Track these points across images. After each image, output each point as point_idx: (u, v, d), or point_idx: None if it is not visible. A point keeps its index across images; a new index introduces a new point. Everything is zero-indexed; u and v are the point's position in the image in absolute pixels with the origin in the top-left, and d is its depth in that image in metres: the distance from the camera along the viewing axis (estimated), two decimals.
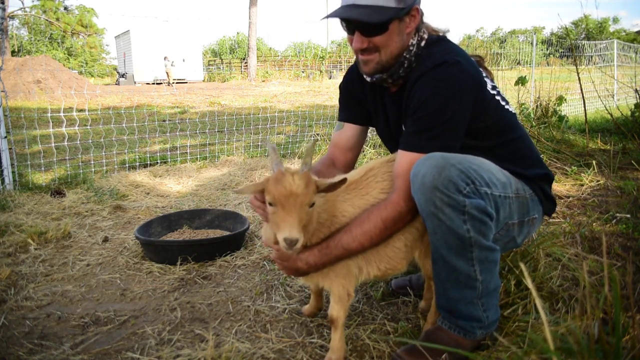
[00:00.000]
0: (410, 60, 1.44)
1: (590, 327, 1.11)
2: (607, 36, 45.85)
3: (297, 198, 1.21)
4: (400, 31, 1.40)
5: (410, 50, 1.44)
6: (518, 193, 1.47)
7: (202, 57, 30.08)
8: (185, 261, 2.30)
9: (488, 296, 1.42)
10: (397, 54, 1.43)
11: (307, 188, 1.23)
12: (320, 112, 6.53)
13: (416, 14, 1.41)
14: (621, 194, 3.25)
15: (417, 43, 1.44)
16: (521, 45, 11.01)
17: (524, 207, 1.49)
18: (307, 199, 1.23)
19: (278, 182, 1.23)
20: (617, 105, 6.76)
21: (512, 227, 1.47)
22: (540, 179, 1.54)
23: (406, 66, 1.45)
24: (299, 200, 1.21)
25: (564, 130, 5.49)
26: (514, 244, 1.55)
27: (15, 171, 3.68)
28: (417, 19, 1.42)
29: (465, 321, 1.44)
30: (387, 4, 1.34)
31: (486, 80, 1.48)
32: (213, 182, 3.94)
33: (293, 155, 4.92)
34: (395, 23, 1.38)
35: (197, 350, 1.57)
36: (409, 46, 1.43)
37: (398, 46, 1.42)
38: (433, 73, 1.36)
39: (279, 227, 1.22)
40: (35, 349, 1.63)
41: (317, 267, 1.41)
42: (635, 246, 2.37)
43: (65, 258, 2.38)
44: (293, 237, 1.19)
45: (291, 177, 1.23)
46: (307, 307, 1.81)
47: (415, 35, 1.44)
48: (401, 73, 1.46)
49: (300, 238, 1.20)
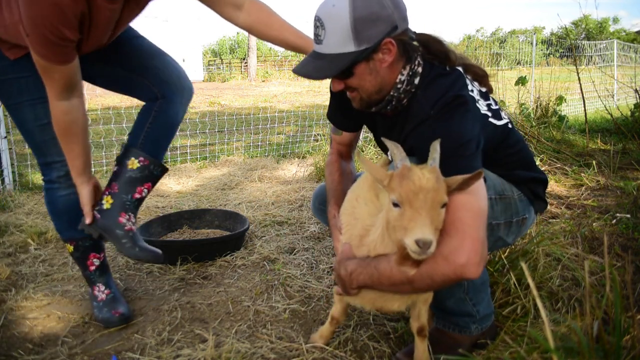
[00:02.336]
0: (399, 97, 1.33)
1: (589, 326, 1.11)
2: (607, 36, 45.88)
3: (428, 194, 1.05)
4: (372, 70, 1.28)
5: (398, 87, 1.31)
6: (503, 194, 1.45)
7: (202, 57, 30.09)
8: (185, 261, 2.30)
9: (475, 291, 1.43)
10: (377, 90, 1.32)
11: (438, 183, 1.07)
12: (320, 112, 6.54)
13: (391, 47, 1.25)
14: (621, 194, 3.25)
15: (406, 79, 1.31)
16: (521, 45, 11.02)
17: (511, 208, 1.48)
18: (438, 197, 1.06)
19: (405, 177, 1.07)
20: (617, 105, 6.76)
21: (497, 227, 1.45)
22: (530, 180, 1.54)
23: (394, 103, 1.34)
24: (430, 197, 1.05)
25: (564, 130, 5.49)
26: (502, 242, 1.54)
27: (15, 171, 3.68)
28: (394, 52, 1.26)
29: (458, 317, 1.47)
30: (346, 50, 1.23)
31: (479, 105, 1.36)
32: (213, 182, 3.94)
33: (293, 155, 4.92)
34: (362, 65, 1.27)
35: (197, 350, 1.57)
36: (395, 83, 1.31)
37: (374, 84, 1.30)
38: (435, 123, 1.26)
39: (406, 228, 1.04)
40: (35, 349, 1.63)
41: (351, 276, 1.27)
42: (635, 246, 2.37)
43: (65, 258, 2.38)
44: (427, 237, 1.01)
45: (420, 171, 1.08)
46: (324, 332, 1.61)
47: (406, 67, 1.31)
48: (389, 109, 1.37)
49: (433, 240, 1.02)
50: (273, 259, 2.36)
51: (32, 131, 1.64)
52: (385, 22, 1.22)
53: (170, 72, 1.74)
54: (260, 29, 1.68)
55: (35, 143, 1.66)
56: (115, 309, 1.79)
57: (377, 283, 1.22)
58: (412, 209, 1.05)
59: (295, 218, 2.98)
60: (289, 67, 20.64)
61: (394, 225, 1.09)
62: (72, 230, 1.78)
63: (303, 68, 1.32)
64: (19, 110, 1.61)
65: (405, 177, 1.07)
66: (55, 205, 1.77)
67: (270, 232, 2.75)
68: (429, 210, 1.04)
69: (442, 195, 1.07)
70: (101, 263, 1.88)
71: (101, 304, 1.82)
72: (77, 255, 1.84)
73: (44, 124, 1.60)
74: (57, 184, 1.73)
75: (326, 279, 2.13)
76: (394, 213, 1.08)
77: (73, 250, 1.83)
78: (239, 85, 18.33)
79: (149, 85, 1.72)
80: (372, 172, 1.15)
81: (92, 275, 1.87)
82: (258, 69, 24.07)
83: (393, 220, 1.09)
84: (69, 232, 1.80)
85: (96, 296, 1.85)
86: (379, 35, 1.22)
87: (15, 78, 1.56)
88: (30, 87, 1.56)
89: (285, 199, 3.39)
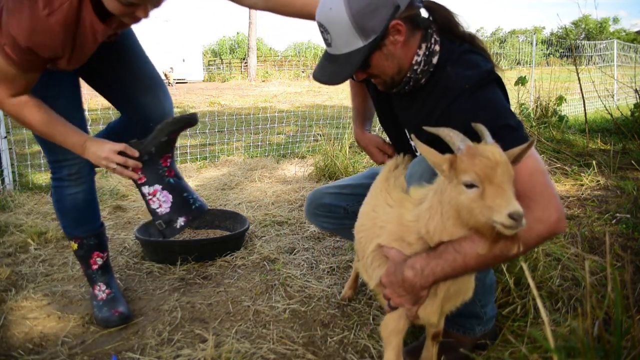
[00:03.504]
0: (417, 78, 1.32)
1: (590, 326, 1.11)
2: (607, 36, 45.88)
3: (505, 168, 1.01)
4: (387, 55, 1.28)
5: (415, 69, 1.30)
6: None
7: (202, 57, 30.10)
8: (185, 261, 2.30)
9: (485, 292, 1.43)
10: (397, 71, 1.31)
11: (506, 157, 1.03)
12: (320, 112, 6.54)
13: (400, 27, 1.24)
14: (621, 194, 3.25)
15: (423, 60, 1.29)
16: (521, 45, 11.01)
17: None
18: (511, 170, 1.02)
19: (477, 155, 1.02)
20: (617, 105, 6.76)
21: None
22: None
23: (412, 83, 1.33)
24: (506, 170, 1.01)
25: (564, 130, 5.49)
26: None
27: (15, 171, 3.69)
28: (404, 30, 1.25)
29: (465, 318, 1.46)
30: (355, 47, 1.24)
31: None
32: (213, 182, 3.94)
33: (293, 155, 4.92)
34: (376, 54, 1.27)
35: (197, 350, 1.57)
36: (412, 64, 1.29)
37: (393, 67, 1.30)
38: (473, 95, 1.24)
39: (492, 206, 0.98)
40: (35, 349, 1.63)
41: (423, 273, 1.14)
42: (635, 246, 2.37)
43: (65, 258, 2.38)
44: (519, 209, 0.95)
45: (488, 147, 1.04)
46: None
47: (422, 46, 1.29)
48: (407, 89, 1.35)
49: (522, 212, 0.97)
50: (273, 259, 2.36)
51: None
52: (386, 6, 1.21)
53: (156, 113, 1.82)
54: (281, 10, 1.69)
55: (46, 140, 1.65)
56: (114, 308, 1.80)
57: (460, 268, 1.11)
58: (493, 185, 0.99)
59: (295, 218, 2.98)
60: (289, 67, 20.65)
61: (472, 208, 1.02)
62: (78, 228, 1.81)
63: (322, 75, 1.32)
64: None
65: (476, 155, 1.02)
66: (63, 203, 1.78)
67: (270, 232, 2.75)
68: (508, 183, 1.00)
69: (512, 169, 1.03)
70: (104, 262, 1.89)
71: (101, 304, 1.82)
72: (81, 253, 1.85)
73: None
74: (67, 182, 1.74)
75: (326, 279, 2.13)
76: (470, 195, 1.01)
77: (77, 248, 1.83)
78: (239, 85, 18.33)
79: (132, 115, 1.82)
80: (429, 157, 1.09)
81: (93, 274, 1.87)
82: (258, 69, 24.08)
83: (470, 202, 1.02)
84: (75, 230, 1.82)
85: (96, 295, 1.85)
86: (383, 22, 1.22)
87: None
88: (45, 81, 1.56)
89: (285, 199, 3.39)
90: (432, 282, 1.14)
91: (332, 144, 4.01)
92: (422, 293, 1.17)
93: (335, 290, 2.01)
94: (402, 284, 1.16)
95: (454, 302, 1.24)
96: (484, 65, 1.26)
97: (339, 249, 2.49)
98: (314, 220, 1.88)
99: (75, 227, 1.81)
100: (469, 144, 1.05)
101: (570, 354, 1.08)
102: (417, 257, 1.15)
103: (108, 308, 1.80)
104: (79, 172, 1.72)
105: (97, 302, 1.84)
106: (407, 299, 1.18)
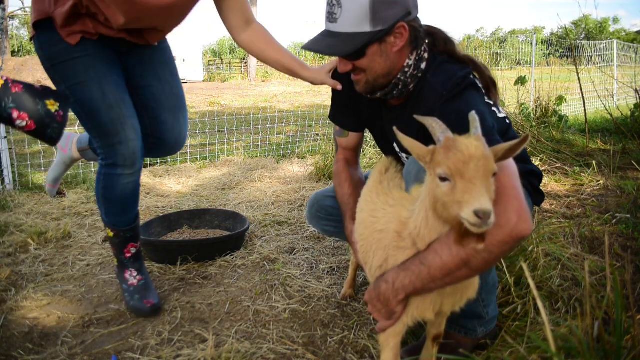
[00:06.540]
0: (406, 82, 1.35)
1: (590, 326, 1.11)
2: (607, 36, 45.89)
3: (479, 163, 0.96)
4: (383, 52, 1.30)
5: (406, 72, 1.33)
6: None
7: (202, 57, 30.08)
8: (185, 261, 2.30)
9: (487, 292, 1.42)
10: (385, 74, 1.33)
11: (486, 151, 0.99)
12: (320, 112, 6.54)
13: (403, 31, 1.27)
14: (621, 194, 3.25)
15: (414, 64, 1.33)
16: (521, 45, 11.02)
17: None
18: (489, 165, 0.98)
19: (451, 148, 0.99)
20: (617, 105, 6.77)
21: None
22: (528, 174, 1.54)
23: (401, 87, 1.35)
24: (481, 165, 0.96)
25: (564, 130, 5.49)
26: None
27: (16, 171, 3.68)
28: (406, 36, 1.29)
29: (467, 319, 1.45)
30: (361, 29, 1.25)
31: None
32: (213, 182, 3.94)
33: (293, 155, 4.92)
34: (375, 46, 1.28)
35: (197, 350, 1.57)
36: (403, 67, 1.33)
37: (383, 67, 1.32)
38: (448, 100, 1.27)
39: (461, 201, 0.95)
40: (35, 349, 1.63)
41: (394, 286, 1.13)
42: (635, 246, 2.37)
43: (65, 258, 2.38)
44: (485, 207, 0.91)
45: (466, 140, 1.00)
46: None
47: (413, 53, 1.33)
48: (395, 94, 1.38)
49: (492, 210, 0.93)
50: (273, 259, 2.36)
51: (99, 110, 1.61)
52: (401, 6, 1.25)
53: (173, 134, 1.86)
54: (261, 47, 1.79)
55: (101, 123, 1.62)
56: (146, 298, 1.81)
57: (427, 280, 1.09)
58: (463, 180, 0.96)
59: (295, 218, 2.98)
60: None
61: (444, 202, 1.00)
62: (119, 219, 1.81)
63: (315, 45, 1.32)
64: (85, 89, 1.60)
65: (451, 148, 0.99)
66: (113, 190, 1.73)
67: (270, 232, 2.75)
68: (482, 179, 0.96)
69: (492, 164, 0.99)
70: (137, 251, 1.91)
71: (132, 289, 1.83)
72: (116, 242, 1.86)
73: (110, 101, 1.60)
74: (120, 169, 1.69)
75: (326, 279, 2.13)
76: (443, 188, 0.99)
77: (113, 236, 1.84)
78: (239, 85, 18.32)
79: (147, 128, 1.81)
80: (412, 148, 1.07)
81: (126, 261, 1.89)
82: (258, 69, 24.04)
83: (443, 196, 1.00)
84: (116, 220, 1.81)
85: (127, 279, 1.86)
86: (394, 18, 1.25)
87: (80, 57, 1.59)
88: (97, 64, 1.58)
89: (285, 199, 3.39)
90: (403, 296, 1.12)
91: (332, 144, 4.01)
92: (396, 308, 1.14)
93: (335, 290, 2.01)
94: (378, 297, 1.15)
95: (454, 300, 1.21)
96: (460, 72, 1.30)
97: (339, 249, 2.50)
98: (315, 223, 1.88)
99: (117, 218, 1.80)
100: (448, 135, 1.02)
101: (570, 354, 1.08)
102: (391, 270, 1.15)
103: (140, 297, 1.81)
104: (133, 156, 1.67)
105: (127, 287, 1.84)
106: (382, 313, 1.16)
